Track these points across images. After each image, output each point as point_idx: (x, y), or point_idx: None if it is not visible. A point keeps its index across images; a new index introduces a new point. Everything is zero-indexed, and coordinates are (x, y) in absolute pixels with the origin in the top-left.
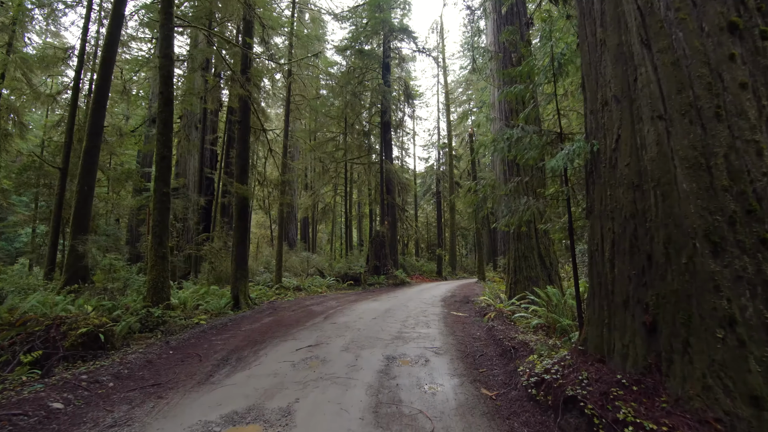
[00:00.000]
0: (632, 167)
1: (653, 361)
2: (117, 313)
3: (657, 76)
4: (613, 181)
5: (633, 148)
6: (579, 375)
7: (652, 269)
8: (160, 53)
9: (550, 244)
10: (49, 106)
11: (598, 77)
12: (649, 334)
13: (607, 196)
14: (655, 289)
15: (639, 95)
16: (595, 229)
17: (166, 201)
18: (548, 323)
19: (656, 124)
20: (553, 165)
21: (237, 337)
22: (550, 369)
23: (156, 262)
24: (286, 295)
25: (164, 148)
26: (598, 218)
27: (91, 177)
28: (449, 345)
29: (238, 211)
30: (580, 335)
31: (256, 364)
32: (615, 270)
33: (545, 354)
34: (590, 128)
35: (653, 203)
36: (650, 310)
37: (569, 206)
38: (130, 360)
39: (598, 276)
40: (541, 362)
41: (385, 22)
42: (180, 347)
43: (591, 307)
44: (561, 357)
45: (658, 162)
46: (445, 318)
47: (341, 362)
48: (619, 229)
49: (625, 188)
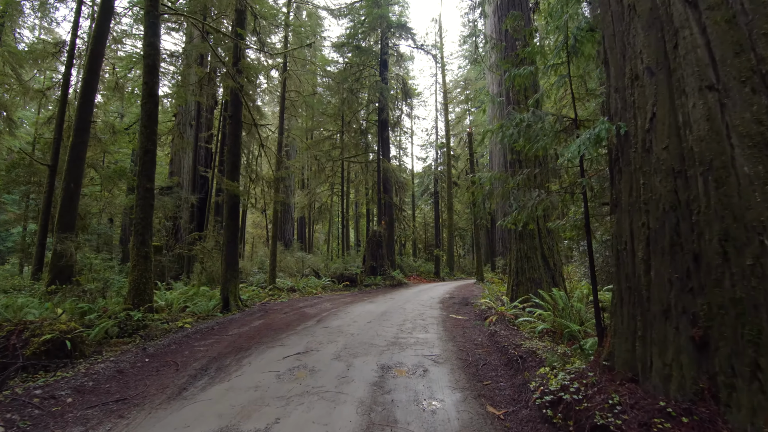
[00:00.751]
0: (672, 150)
1: (706, 386)
2: (91, 317)
3: (706, 39)
4: (646, 168)
5: (672, 128)
6: (607, 397)
7: (701, 272)
8: (146, 42)
9: (554, 244)
10: (39, 101)
11: (626, 49)
12: (700, 351)
13: (639, 185)
14: (707, 297)
15: (680, 64)
16: (622, 225)
17: (149, 197)
18: (555, 329)
19: (705, 96)
20: (572, 151)
21: (222, 342)
22: (567, 386)
23: (138, 261)
24: (280, 296)
25: (148, 141)
26: (626, 212)
27: (78, 174)
28: (449, 352)
29: (229, 209)
30: (603, 348)
31: (238, 374)
32: (651, 273)
33: (558, 366)
34: (614, 108)
35: (702, 192)
36: (700, 323)
37: (585, 200)
38: (97, 370)
39: (627, 279)
40: (556, 377)
41: (383, 18)
42: (158, 354)
43: (617, 316)
44: (579, 371)
45: (709, 141)
46: (444, 321)
47: (331, 373)
48: (656, 224)
49: (664, 175)
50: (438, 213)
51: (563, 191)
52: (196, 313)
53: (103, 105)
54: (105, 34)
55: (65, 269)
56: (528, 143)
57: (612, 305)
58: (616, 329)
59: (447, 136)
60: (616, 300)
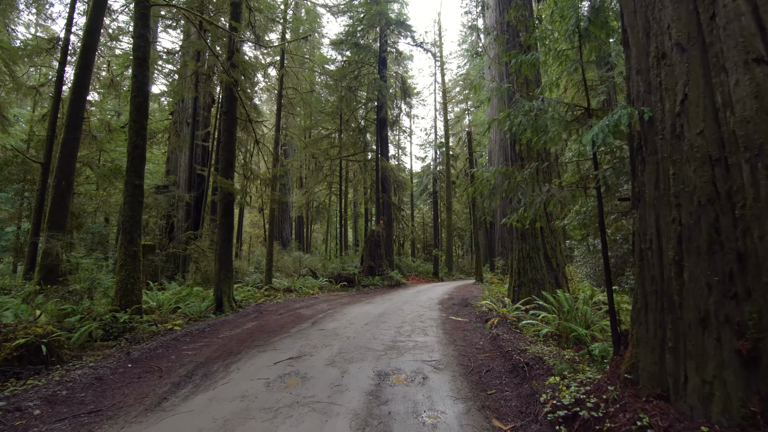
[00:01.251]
0: (709, 135)
1: (758, 410)
2: (71, 319)
3: (752, 4)
4: (677, 157)
5: (708, 110)
6: (634, 417)
7: (748, 275)
8: (135, 34)
9: (557, 243)
10: (34, 98)
11: (649, 25)
12: (748, 367)
13: (668, 176)
14: (756, 304)
15: (719, 36)
16: (646, 221)
17: (138, 194)
18: (560, 332)
19: (752, 70)
20: (588, 140)
21: (211, 345)
22: (583, 400)
23: (126, 261)
24: (276, 296)
25: (137, 136)
26: (651, 207)
27: (69, 171)
28: (450, 357)
29: (223, 207)
30: (621, 357)
31: (224, 382)
32: (684, 275)
33: (569, 375)
34: (636, 92)
35: (748, 182)
36: (748, 334)
37: (599, 195)
38: (74, 377)
39: (653, 282)
40: (568, 388)
41: (382, 15)
42: (142, 359)
43: (640, 323)
44: (595, 383)
45: (757, 123)
46: (444, 324)
47: (324, 380)
48: (690, 220)
49: (699, 164)
50: (437, 213)
51: (575, 186)
52: (187, 314)
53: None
54: (98, 28)
55: (54, 269)
56: (536, 135)
57: (633, 311)
58: (638, 338)
59: (446, 135)
60: (638, 305)
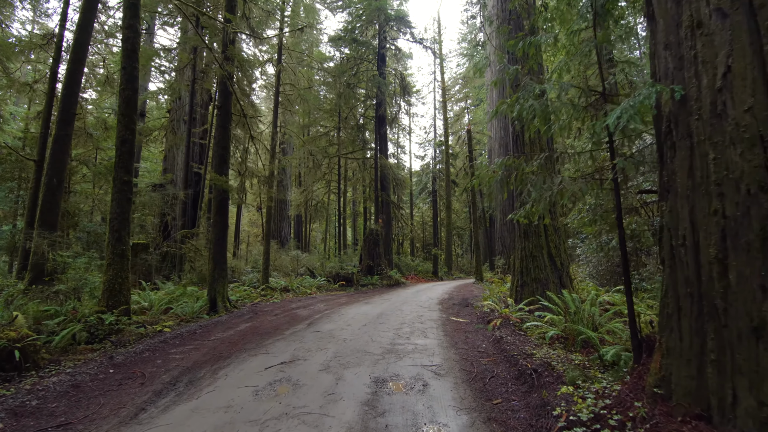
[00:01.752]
0: (759, 112)
1: None
2: (54, 321)
3: None
4: (718, 139)
5: (758, 83)
6: None
7: None
8: (124, 24)
9: (561, 242)
10: (30, 96)
11: None
12: None
13: (707, 162)
14: None
15: None
16: (678, 214)
17: (126, 191)
18: (566, 335)
19: None
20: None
21: (201, 349)
22: (604, 417)
23: (113, 260)
24: (272, 296)
25: (126, 130)
26: (684, 198)
27: (61, 168)
28: (451, 362)
29: (217, 204)
30: (644, 367)
31: (210, 389)
32: (729, 276)
33: (582, 384)
34: (664, 70)
35: None
36: None
37: (617, 187)
38: (47, 385)
39: (688, 284)
40: (584, 400)
41: (381, 11)
42: (126, 363)
43: (671, 331)
44: (615, 395)
45: None
46: (444, 325)
47: (317, 388)
48: (736, 212)
49: (747, 146)
50: (436, 212)
51: (589, 177)
52: (179, 315)
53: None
54: (90, 22)
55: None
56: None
57: (661, 316)
58: (669, 347)
59: (445, 134)
60: (668, 310)
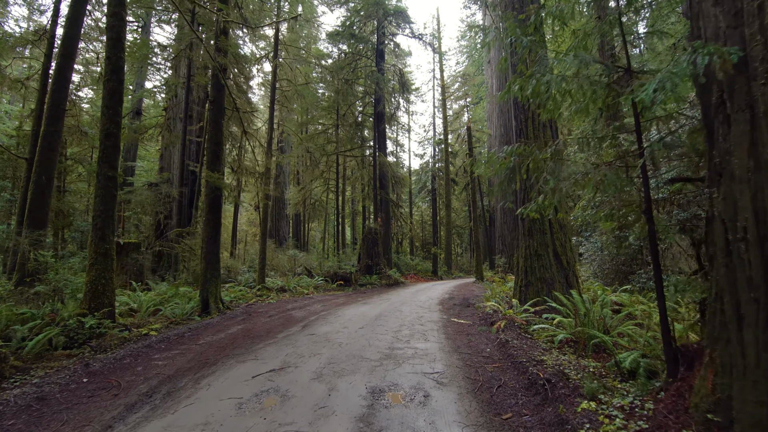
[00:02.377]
0: None
1: None
2: (28, 326)
3: None
4: None
5: None
6: None
7: None
8: (109, 12)
9: (567, 239)
10: (23, 93)
11: None
12: None
13: None
14: None
15: None
16: (736, 202)
17: (111, 187)
18: (576, 338)
19: None
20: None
21: (187, 354)
22: None
23: (96, 260)
24: (268, 296)
25: (111, 123)
26: (744, 182)
27: (50, 166)
28: (454, 369)
29: (210, 202)
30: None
31: (189, 402)
32: None
33: (605, 399)
34: (713, 31)
35: None
36: None
37: (645, 174)
38: (8, 398)
39: (751, 287)
40: (611, 420)
41: (379, 6)
42: (103, 371)
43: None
44: (650, 417)
45: None
46: (446, 327)
47: (308, 400)
48: None
49: None
50: (436, 210)
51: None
52: (169, 317)
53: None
54: (80, 16)
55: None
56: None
57: (710, 324)
58: (724, 364)
59: (445, 132)
60: (722, 317)
